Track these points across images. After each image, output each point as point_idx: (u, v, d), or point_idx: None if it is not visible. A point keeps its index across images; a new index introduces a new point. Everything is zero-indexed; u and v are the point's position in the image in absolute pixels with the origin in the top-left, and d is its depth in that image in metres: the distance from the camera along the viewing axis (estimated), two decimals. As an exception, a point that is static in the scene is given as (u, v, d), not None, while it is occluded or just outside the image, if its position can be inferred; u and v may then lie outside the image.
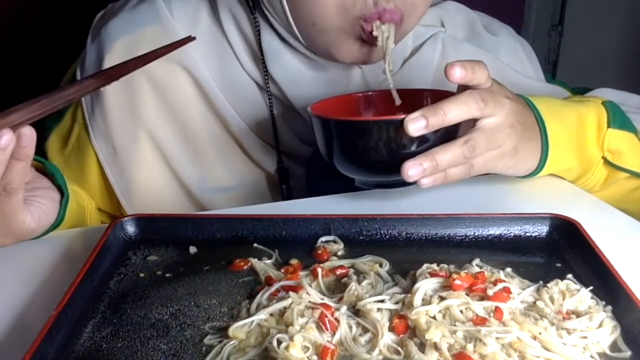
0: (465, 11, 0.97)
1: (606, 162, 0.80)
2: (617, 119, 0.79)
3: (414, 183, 0.67)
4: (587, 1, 2.76)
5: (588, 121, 0.78)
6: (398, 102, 0.74)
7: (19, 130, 0.57)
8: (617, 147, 0.79)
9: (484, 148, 0.67)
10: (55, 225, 0.71)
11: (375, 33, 0.73)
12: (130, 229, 0.66)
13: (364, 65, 0.81)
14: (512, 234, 0.66)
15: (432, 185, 0.66)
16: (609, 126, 0.78)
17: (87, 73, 0.86)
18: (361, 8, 0.73)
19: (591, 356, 0.49)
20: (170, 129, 0.87)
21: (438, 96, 0.68)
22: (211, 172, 0.89)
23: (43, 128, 0.90)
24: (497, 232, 0.66)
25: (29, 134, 0.58)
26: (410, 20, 0.78)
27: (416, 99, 0.74)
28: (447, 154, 0.65)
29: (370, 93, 0.79)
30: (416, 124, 0.63)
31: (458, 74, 0.65)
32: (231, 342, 0.50)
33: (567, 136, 0.75)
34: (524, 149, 0.71)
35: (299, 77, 0.85)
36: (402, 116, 0.64)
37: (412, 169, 0.64)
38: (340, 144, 0.68)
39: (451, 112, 0.64)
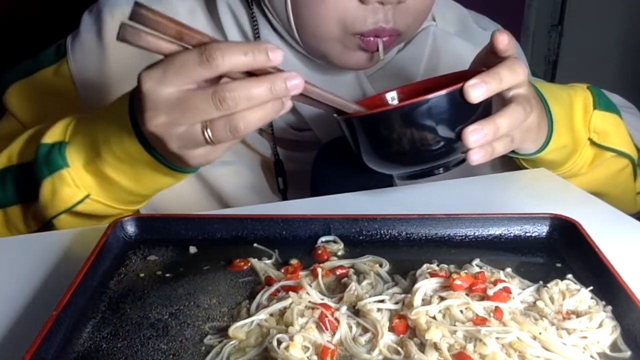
0: (457, 7, 1.00)
1: (593, 143, 0.83)
2: (602, 101, 0.83)
3: (448, 167, 0.67)
4: (587, 1, 2.76)
5: (576, 103, 0.82)
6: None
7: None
8: (603, 127, 0.82)
9: (528, 113, 0.68)
10: None
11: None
12: (130, 229, 0.66)
13: (360, 70, 0.84)
14: (512, 234, 0.66)
15: (482, 160, 0.66)
16: (595, 108, 0.82)
17: (81, 40, 0.87)
18: (360, 26, 0.75)
19: (591, 356, 0.49)
20: None
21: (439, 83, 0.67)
22: None
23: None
24: (497, 232, 0.66)
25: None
26: (408, 34, 0.82)
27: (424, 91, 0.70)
28: (505, 117, 0.66)
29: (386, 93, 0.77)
30: (477, 89, 0.63)
31: (507, 40, 0.67)
32: (231, 342, 0.50)
33: (563, 115, 0.78)
34: (541, 123, 0.74)
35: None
36: (444, 91, 0.63)
37: (473, 135, 0.64)
38: (379, 136, 0.66)
39: (507, 78, 0.65)
